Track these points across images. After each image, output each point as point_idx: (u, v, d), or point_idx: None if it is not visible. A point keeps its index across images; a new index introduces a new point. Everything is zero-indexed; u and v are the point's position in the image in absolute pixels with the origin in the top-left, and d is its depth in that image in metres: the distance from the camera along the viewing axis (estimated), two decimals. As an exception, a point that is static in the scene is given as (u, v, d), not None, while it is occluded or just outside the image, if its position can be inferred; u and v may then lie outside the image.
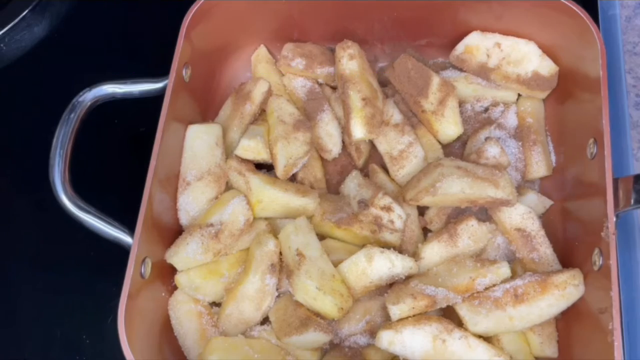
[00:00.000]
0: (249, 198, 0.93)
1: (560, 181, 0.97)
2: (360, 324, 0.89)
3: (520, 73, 1.00)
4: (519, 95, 1.03)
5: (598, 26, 0.96)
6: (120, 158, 1.09)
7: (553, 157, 0.99)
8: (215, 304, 0.93)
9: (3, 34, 1.19)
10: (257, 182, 0.93)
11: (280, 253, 0.90)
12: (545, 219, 0.95)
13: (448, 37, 1.03)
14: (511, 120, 1.01)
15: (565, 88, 0.99)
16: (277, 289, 0.90)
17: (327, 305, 0.86)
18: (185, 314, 0.90)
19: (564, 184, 0.96)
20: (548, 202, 0.96)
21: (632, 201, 0.81)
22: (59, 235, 1.02)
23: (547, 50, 0.99)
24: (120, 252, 0.85)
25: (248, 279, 0.87)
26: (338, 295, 0.86)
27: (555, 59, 0.99)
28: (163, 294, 0.91)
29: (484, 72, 1.01)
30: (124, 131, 1.10)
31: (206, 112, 1.06)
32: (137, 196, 0.85)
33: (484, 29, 1.01)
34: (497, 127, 1.01)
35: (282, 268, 0.90)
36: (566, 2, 0.92)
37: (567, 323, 0.88)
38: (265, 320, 0.90)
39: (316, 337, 0.85)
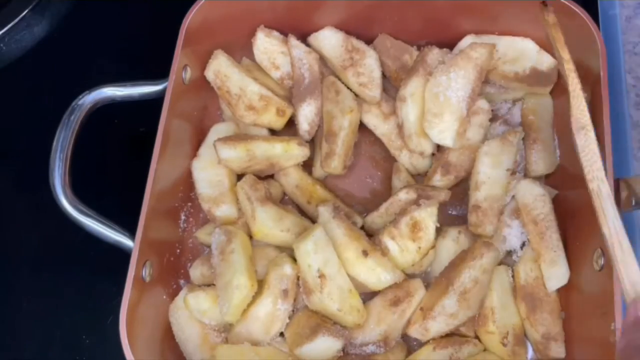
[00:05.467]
0: (251, 225, 0.91)
1: (561, 182, 0.97)
2: (374, 332, 0.89)
3: (518, 71, 0.99)
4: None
5: (598, 26, 0.96)
6: (121, 160, 1.09)
7: (558, 154, 0.99)
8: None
9: (3, 33, 1.19)
10: (262, 217, 0.91)
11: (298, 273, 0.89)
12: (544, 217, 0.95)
13: (448, 37, 1.03)
14: (517, 116, 1.01)
15: (565, 88, 0.98)
16: (293, 306, 0.89)
17: (345, 323, 0.87)
18: (186, 320, 0.90)
19: (565, 184, 0.96)
20: (553, 192, 0.95)
21: (634, 202, 0.81)
22: (59, 235, 1.02)
23: (546, 50, 0.99)
24: (121, 252, 0.85)
25: (260, 301, 0.86)
26: (355, 312, 0.87)
27: (554, 59, 0.99)
28: (164, 297, 0.91)
29: None
30: (124, 133, 1.10)
31: (206, 114, 1.06)
32: (138, 198, 0.86)
33: (482, 30, 1.01)
34: (502, 122, 1.01)
35: (300, 285, 0.88)
36: (566, 2, 0.92)
37: (568, 323, 0.88)
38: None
39: (327, 342, 0.85)
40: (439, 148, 0.98)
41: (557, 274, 0.89)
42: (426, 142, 0.97)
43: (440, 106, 0.92)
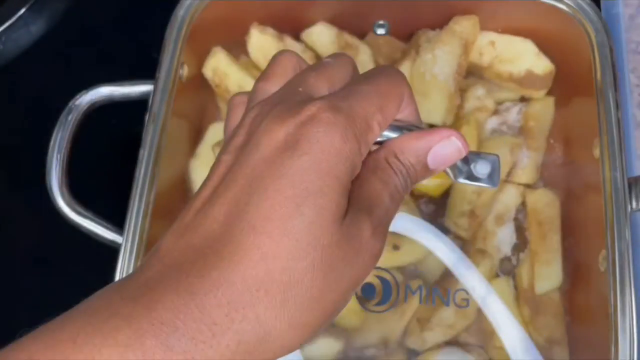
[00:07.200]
0: None
1: (566, 182, 0.96)
2: (374, 335, 0.88)
3: (513, 71, 0.98)
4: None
5: (601, 25, 0.95)
6: (118, 160, 1.07)
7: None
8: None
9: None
10: None
11: None
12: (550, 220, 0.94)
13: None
14: (513, 116, 0.99)
15: (568, 87, 0.98)
16: None
17: (344, 325, 0.87)
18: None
19: (570, 184, 0.95)
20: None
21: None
22: (55, 236, 1.01)
23: (548, 50, 0.98)
24: (117, 253, 0.84)
25: None
26: (353, 314, 0.86)
27: (556, 59, 0.98)
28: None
29: (477, 71, 1.00)
30: (122, 132, 1.09)
31: (205, 111, 1.05)
32: (136, 199, 0.84)
33: (483, 28, 1.00)
34: (501, 122, 0.98)
35: None
36: (568, 0, 0.91)
37: (572, 326, 0.88)
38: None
39: (328, 343, 0.84)
40: None
41: (549, 274, 0.88)
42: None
43: (426, 85, 0.90)
